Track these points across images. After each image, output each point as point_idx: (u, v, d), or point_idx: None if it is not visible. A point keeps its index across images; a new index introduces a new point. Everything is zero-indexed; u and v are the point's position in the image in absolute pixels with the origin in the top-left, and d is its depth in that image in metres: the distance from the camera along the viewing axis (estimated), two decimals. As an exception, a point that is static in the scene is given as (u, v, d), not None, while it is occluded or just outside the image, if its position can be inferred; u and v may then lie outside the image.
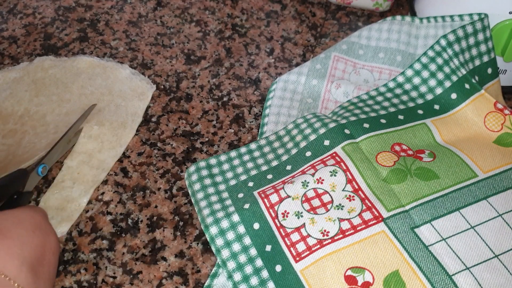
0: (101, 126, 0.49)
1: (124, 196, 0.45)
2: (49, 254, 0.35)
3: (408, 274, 0.36)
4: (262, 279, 0.38)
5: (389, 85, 0.50)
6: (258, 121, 0.52)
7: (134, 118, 0.51)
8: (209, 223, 0.40)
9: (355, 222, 0.39)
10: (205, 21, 0.62)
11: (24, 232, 0.33)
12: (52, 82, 0.52)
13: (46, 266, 0.34)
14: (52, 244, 0.35)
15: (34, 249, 0.33)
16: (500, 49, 0.51)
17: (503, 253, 0.37)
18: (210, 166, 0.46)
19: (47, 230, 0.35)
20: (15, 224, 0.33)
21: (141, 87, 0.53)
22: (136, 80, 0.54)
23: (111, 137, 0.49)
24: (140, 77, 0.54)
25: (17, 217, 0.34)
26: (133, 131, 0.50)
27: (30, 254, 0.32)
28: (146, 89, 0.53)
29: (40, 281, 0.33)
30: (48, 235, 0.35)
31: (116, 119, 0.50)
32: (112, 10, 0.62)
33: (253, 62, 0.58)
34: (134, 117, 0.51)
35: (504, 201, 0.40)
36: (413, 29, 0.53)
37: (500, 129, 0.45)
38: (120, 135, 0.49)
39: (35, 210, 0.36)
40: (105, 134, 0.49)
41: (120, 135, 0.49)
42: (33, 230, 0.34)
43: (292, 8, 0.64)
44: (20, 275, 0.31)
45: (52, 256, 0.35)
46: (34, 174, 0.42)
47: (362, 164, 0.42)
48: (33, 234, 0.34)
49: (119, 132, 0.49)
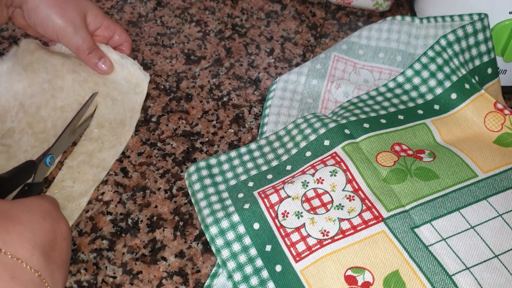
0: (101, 128, 0.49)
1: (124, 196, 0.45)
2: (61, 240, 0.36)
3: (408, 274, 0.36)
4: (262, 279, 0.38)
5: (389, 85, 0.50)
6: (258, 121, 0.52)
7: (132, 114, 0.50)
8: (209, 223, 0.40)
9: (355, 222, 0.39)
10: (205, 21, 0.62)
11: (35, 218, 0.34)
12: (40, 66, 0.50)
13: (58, 251, 0.35)
14: (63, 230, 0.36)
15: (45, 234, 0.34)
16: (500, 49, 0.51)
17: (503, 253, 0.37)
18: (210, 166, 0.46)
19: (57, 217, 0.36)
20: (25, 212, 0.34)
21: (135, 75, 0.52)
22: (128, 66, 0.52)
23: (111, 137, 0.49)
24: (131, 62, 0.52)
25: (27, 205, 0.35)
26: (132, 128, 0.50)
27: (41, 239, 0.33)
28: (140, 78, 0.52)
29: (53, 265, 0.34)
30: (58, 222, 0.36)
31: (114, 117, 0.50)
32: (112, 10, 0.62)
33: (253, 62, 0.58)
34: (132, 113, 0.51)
35: (504, 201, 0.40)
36: (413, 29, 0.53)
37: (500, 129, 0.45)
38: (120, 134, 0.49)
39: (44, 199, 0.38)
40: (105, 135, 0.49)
41: (119, 134, 0.49)
42: (43, 216, 0.35)
43: (292, 8, 0.64)
44: (32, 258, 0.32)
45: (63, 241, 0.36)
46: (43, 165, 0.43)
47: (362, 164, 0.42)
48: (43, 221, 0.35)
49: (118, 131, 0.49)
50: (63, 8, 0.47)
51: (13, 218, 0.33)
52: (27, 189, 0.41)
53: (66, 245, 0.36)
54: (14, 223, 0.33)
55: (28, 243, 0.32)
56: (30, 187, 0.41)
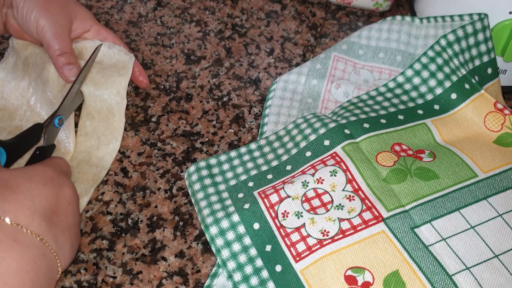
0: (92, 120, 0.48)
1: (124, 196, 0.45)
2: (65, 204, 0.36)
3: (408, 274, 0.36)
4: (262, 279, 0.38)
5: (389, 85, 0.50)
6: (258, 121, 0.52)
7: (118, 100, 0.49)
8: (209, 223, 0.40)
9: (355, 222, 0.39)
10: (205, 21, 0.62)
11: (34, 186, 0.35)
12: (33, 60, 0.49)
13: (63, 215, 0.36)
14: (67, 195, 0.37)
15: (46, 200, 0.35)
16: (500, 49, 0.51)
17: (503, 253, 0.37)
18: (210, 166, 0.46)
19: (60, 183, 0.37)
20: (25, 180, 0.35)
21: (120, 60, 0.50)
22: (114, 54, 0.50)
23: (105, 130, 0.48)
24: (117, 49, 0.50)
25: (27, 173, 0.36)
26: (122, 119, 0.49)
27: (41, 205, 0.34)
28: (126, 62, 0.50)
29: (56, 229, 0.35)
30: (62, 187, 0.37)
31: (101, 105, 0.48)
32: (112, 10, 0.62)
33: (253, 62, 0.58)
34: (117, 97, 0.48)
35: (504, 201, 0.40)
36: (413, 29, 0.53)
37: (500, 129, 0.45)
38: (112, 125, 0.48)
39: (47, 165, 0.38)
40: (99, 127, 0.48)
41: (112, 125, 0.48)
42: (44, 183, 0.35)
43: (292, 8, 0.64)
44: (32, 224, 0.33)
45: (68, 206, 0.37)
46: (52, 127, 0.43)
47: (362, 164, 0.42)
48: (44, 187, 0.35)
49: (110, 123, 0.48)
50: (48, 8, 0.46)
51: (12, 187, 0.34)
52: (39, 153, 0.42)
53: (72, 209, 0.37)
54: (13, 192, 0.33)
55: (28, 210, 0.33)
56: (41, 151, 0.42)
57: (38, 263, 0.32)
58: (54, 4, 0.47)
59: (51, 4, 0.47)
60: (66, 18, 0.48)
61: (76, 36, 0.50)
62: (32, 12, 0.46)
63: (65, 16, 0.48)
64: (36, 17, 0.46)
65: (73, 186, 0.38)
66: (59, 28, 0.47)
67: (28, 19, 0.46)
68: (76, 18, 0.49)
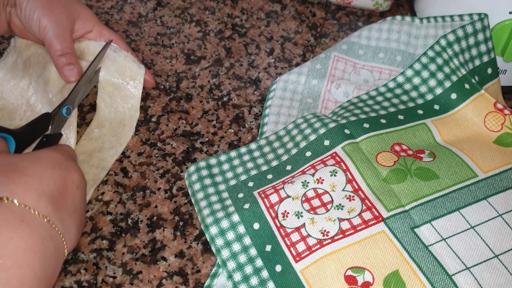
0: (102, 128, 0.49)
1: (124, 196, 0.45)
2: (72, 188, 0.37)
3: (408, 274, 0.36)
4: (262, 279, 0.38)
5: (389, 85, 0.50)
6: (258, 121, 0.52)
7: (131, 112, 0.50)
8: (209, 223, 0.40)
9: (355, 222, 0.39)
10: (205, 21, 0.62)
11: (42, 169, 0.35)
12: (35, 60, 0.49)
13: (70, 198, 0.36)
14: (75, 179, 0.37)
15: (53, 182, 0.35)
16: (500, 49, 0.51)
17: (503, 253, 0.37)
18: (210, 166, 0.46)
19: (68, 167, 0.37)
20: (33, 163, 0.35)
21: (128, 68, 0.50)
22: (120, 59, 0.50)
23: (111, 137, 0.49)
24: (123, 54, 0.50)
25: (36, 157, 0.36)
26: (132, 129, 0.50)
27: (49, 187, 0.35)
28: (135, 72, 0.50)
29: (63, 211, 0.35)
30: (70, 171, 0.37)
31: (114, 116, 0.50)
32: (112, 10, 0.62)
33: (253, 62, 0.58)
34: (131, 111, 0.50)
35: (504, 201, 0.40)
36: (413, 29, 0.53)
37: (500, 129, 0.45)
38: (120, 134, 0.49)
39: (55, 150, 0.39)
40: (106, 135, 0.49)
41: (120, 134, 0.49)
42: (52, 166, 0.36)
43: (292, 8, 0.64)
44: (39, 205, 0.33)
45: (76, 189, 0.37)
46: (60, 116, 0.44)
47: (362, 164, 0.42)
48: (51, 170, 0.36)
49: (119, 132, 0.49)
50: (50, 8, 0.47)
51: (20, 170, 0.34)
52: (46, 140, 0.43)
53: (80, 192, 0.37)
54: (21, 175, 0.34)
55: (35, 192, 0.33)
56: (48, 138, 0.43)
57: (45, 243, 0.32)
58: (57, 4, 0.47)
59: (54, 4, 0.47)
60: (69, 18, 0.48)
61: (78, 36, 0.50)
62: (35, 11, 0.46)
63: (67, 16, 0.48)
64: (38, 16, 0.46)
65: (80, 170, 0.39)
66: (61, 28, 0.47)
67: (31, 19, 0.47)
68: (78, 19, 0.49)
